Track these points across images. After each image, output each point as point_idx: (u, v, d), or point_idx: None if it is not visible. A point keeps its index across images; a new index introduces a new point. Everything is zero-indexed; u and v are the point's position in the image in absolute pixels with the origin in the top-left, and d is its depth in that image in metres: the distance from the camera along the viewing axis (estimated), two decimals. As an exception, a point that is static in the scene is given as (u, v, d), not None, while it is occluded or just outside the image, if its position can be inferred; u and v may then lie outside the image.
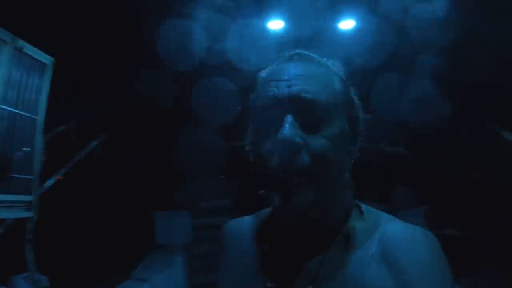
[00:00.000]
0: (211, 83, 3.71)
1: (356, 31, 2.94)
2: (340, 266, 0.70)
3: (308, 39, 2.95)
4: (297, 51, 0.79)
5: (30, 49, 2.48)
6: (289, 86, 0.71)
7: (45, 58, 2.62)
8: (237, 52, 3.03)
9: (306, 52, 0.79)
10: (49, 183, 2.78)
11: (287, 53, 0.80)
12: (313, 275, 0.71)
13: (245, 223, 0.92)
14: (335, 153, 0.70)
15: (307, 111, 0.70)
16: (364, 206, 0.79)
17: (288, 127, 0.67)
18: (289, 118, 0.68)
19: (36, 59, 2.58)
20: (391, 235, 0.71)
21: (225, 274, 0.88)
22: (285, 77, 0.72)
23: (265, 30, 3.11)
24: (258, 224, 0.88)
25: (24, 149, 2.55)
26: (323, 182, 0.69)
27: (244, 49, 3.01)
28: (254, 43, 3.00)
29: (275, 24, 3.18)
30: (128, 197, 3.63)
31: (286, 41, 3.15)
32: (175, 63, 3.04)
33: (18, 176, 2.48)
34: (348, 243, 0.72)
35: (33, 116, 2.62)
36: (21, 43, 2.38)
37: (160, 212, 4.07)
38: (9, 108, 2.38)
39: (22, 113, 2.50)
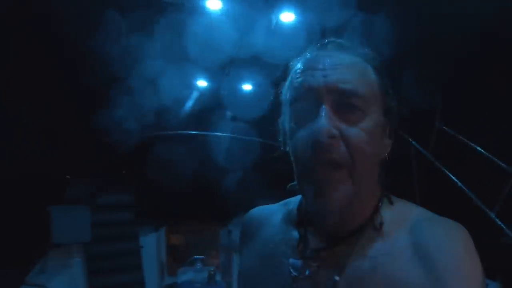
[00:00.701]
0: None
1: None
2: (369, 257, 0.69)
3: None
4: (331, 39, 0.77)
5: None
6: (325, 76, 0.69)
7: None
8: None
9: (340, 40, 0.77)
10: None
11: (320, 41, 0.77)
12: (341, 265, 0.70)
13: (270, 211, 0.90)
14: (372, 146, 0.69)
15: (344, 101, 0.68)
16: (394, 198, 0.78)
17: (325, 118, 0.66)
18: (325, 109, 0.67)
19: None
20: (423, 227, 0.70)
21: (247, 261, 0.86)
22: (321, 66, 0.70)
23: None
24: (284, 213, 0.86)
25: None
26: (359, 175, 0.68)
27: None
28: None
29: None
30: (20, 189, 3.09)
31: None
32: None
33: None
34: (378, 234, 0.71)
35: None
36: None
37: (57, 207, 3.56)
38: None
39: None
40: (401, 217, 0.73)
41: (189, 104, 4.39)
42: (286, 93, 0.77)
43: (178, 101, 3.97)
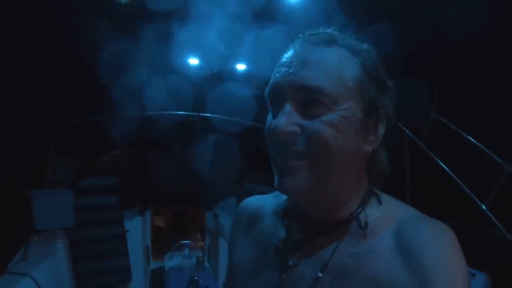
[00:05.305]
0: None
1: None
2: (353, 254, 0.72)
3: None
4: (311, 31, 0.77)
5: None
6: (291, 74, 0.71)
7: None
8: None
9: (321, 31, 0.76)
10: None
11: (303, 33, 0.78)
12: (324, 263, 0.73)
13: (263, 202, 0.94)
14: (338, 140, 0.69)
15: (308, 97, 0.70)
16: (383, 196, 0.78)
17: (284, 116, 0.69)
18: (287, 107, 0.70)
19: None
20: (408, 227, 0.70)
21: (241, 252, 0.89)
22: (288, 64, 0.73)
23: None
24: (275, 205, 0.90)
25: None
26: (321, 166, 0.70)
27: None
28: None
29: None
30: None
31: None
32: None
33: None
34: (363, 232, 0.73)
35: None
36: None
37: (39, 191, 3.42)
38: None
39: None
40: (388, 217, 0.74)
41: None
42: (267, 89, 0.80)
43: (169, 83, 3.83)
